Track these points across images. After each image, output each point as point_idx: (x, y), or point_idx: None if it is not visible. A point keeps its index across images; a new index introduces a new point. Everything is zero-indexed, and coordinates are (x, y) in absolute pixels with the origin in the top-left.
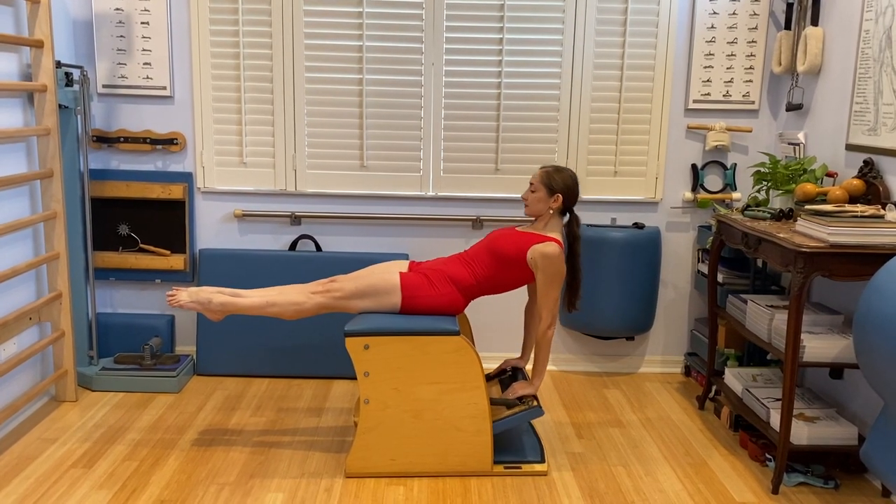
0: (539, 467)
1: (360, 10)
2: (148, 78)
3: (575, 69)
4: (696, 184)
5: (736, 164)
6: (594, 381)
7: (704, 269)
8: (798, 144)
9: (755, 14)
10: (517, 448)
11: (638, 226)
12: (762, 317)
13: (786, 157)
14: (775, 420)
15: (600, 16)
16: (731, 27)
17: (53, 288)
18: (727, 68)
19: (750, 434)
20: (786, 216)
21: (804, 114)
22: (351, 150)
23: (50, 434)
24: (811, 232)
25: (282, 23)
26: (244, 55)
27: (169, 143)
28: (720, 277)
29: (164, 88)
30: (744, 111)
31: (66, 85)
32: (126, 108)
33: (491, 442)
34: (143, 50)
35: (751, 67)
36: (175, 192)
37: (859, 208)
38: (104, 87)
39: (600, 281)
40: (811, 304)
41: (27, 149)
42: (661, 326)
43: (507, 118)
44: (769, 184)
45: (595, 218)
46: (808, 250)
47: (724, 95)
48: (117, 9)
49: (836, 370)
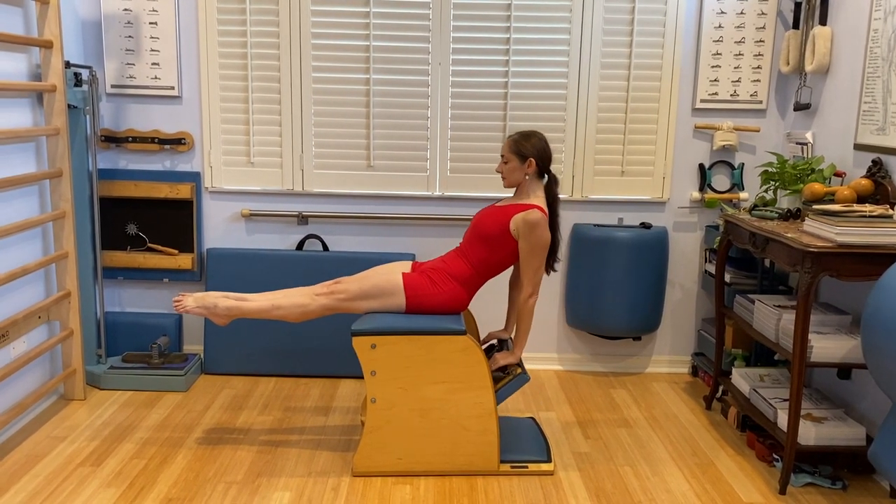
0: (545, 467)
1: (368, 10)
2: (156, 78)
3: (582, 69)
4: (704, 183)
5: (743, 164)
6: (601, 381)
7: (712, 268)
8: (806, 144)
9: (763, 14)
10: (524, 448)
11: (645, 226)
12: (770, 317)
13: (794, 156)
14: (783, 420)
15: (607, 15)
16: (738, 27)
17: (62, 287)
18: (735, 68)
19: (757, 434)
20: (793, 216)
21: (812, 113)
22: (358, 150)
23: (59, 432)
24: (819, 232)
25: (289, 23)
26: (252, 55)
27: (177, 142)
28: (727, 277)
29: (172, 88)
30: (751, 111)
31: (75, 85)
32: (134, 108)
33: (497, 441)
34: (152, 50)
35: (758, 67)
36: (183, 191)
37: (867, 208)
38: (113, 87)
39: (607, 281)
40: (819, 305)
41: (36, 149)
42: (668, 326)
43: (514, 118)
44: (777, 183)
45: (602, 218)
46: (815, 250)
47: (731, 95)
48: (126, 9)
49: (844, 370)
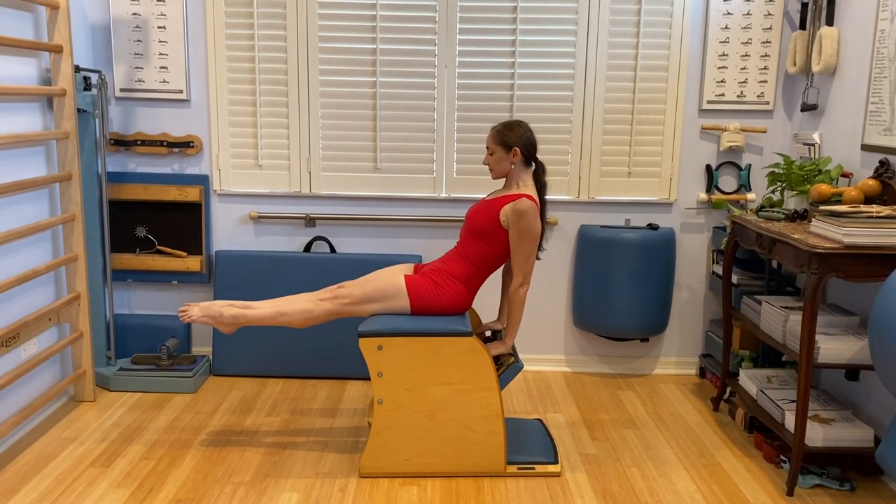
0: (552, 468)
1: (374, 13)
2: (164, 81)
3: (588, 70)
4: (711, 185)
5: (750, 165)
6: (608, 383)
7: (719, 270)
8: (813, 145)
9: (769, 14)
10: (530, 449)
11: (652, 227)
12: (777, 318)
13: (800, 157)
14: (790, 422)
15: (613, 17)
16: (745, 27)
17: (72, 289)
18: (741, 68)
19: (765, 435)
20: (800, 217)
21: (819, 114)
22: (365, 153)
23: (69, 433)
24: (826, 233)
25: (296, 26)
26: (259, 59)
27: (185, 145)
28: (735, 278)
29: (181, 92)
30: (758, 112)
31: (85, 89)
32: (143, 112)
33: (504, 442)
34: (160, 54)
35: (765, 68)
36: (191, 194)
37: (874, 209)
38: (122, 90)
39: (614, 282)
40: (826, 306)
41: (46, 152)
42: (675, 328)
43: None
44: (784, 184)
45: (609, 219)
46: (822, 251)
47: (738, 96)
48: (134, 14)
49: (852, 371)
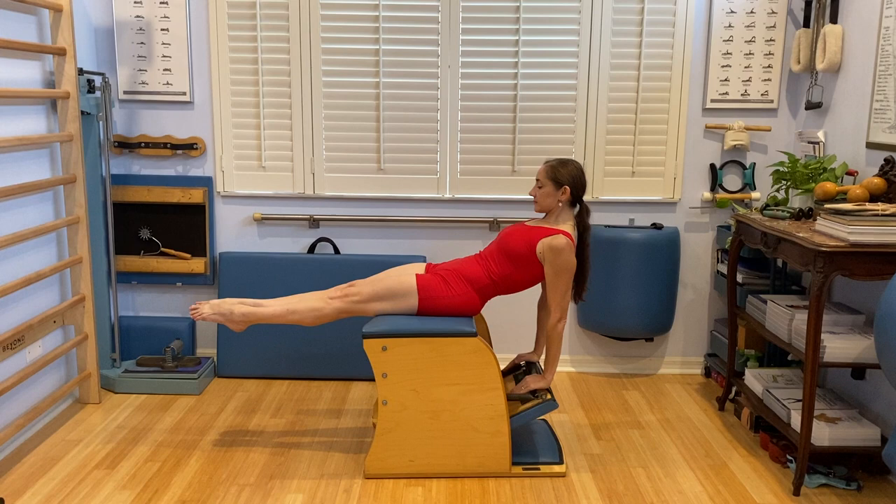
0: (557, 468)
1: (377, 13)
2: (168, 84)
3: (591, 69)
4: (715, 183)
5: (755, 164)
6: (613, 383)
7: (724, 269)
8: (817, 143)
9: (773, 12)
10: (535, 449)
11: (656, 226)
12: (782, 317)
13: (805, 155)
14: (796, 421)
15: (616, 16)
16: (748, 26)
17: (77, 292)
18: (745, 67)
19: (770, 435)
20: (805, 215)
21: (824, 112)
22: (368, 154)
23: (74, 435)
24: (831, 231)
25: (299, 28)
26: (262, 60)
27: (189, 147)
28: (740, 278)
29: (184, 94)
30: (762, 110)
31: (88, 91)
32: (147, 114)
33: (509, 443)
34: (164, 56)
35: (769, 66)
36: (195, 196)
37: (880, 207)
38: (125, 93)
39: (619, 282)
40: (832, 304)
41: (50, 155)
42: (680, 327)
43: (524, 119)
44: (788, 183)
45: (613, 219)
46: (828, 250)
47: (742, 95)
48: (138, 16)
49: (858, 370)
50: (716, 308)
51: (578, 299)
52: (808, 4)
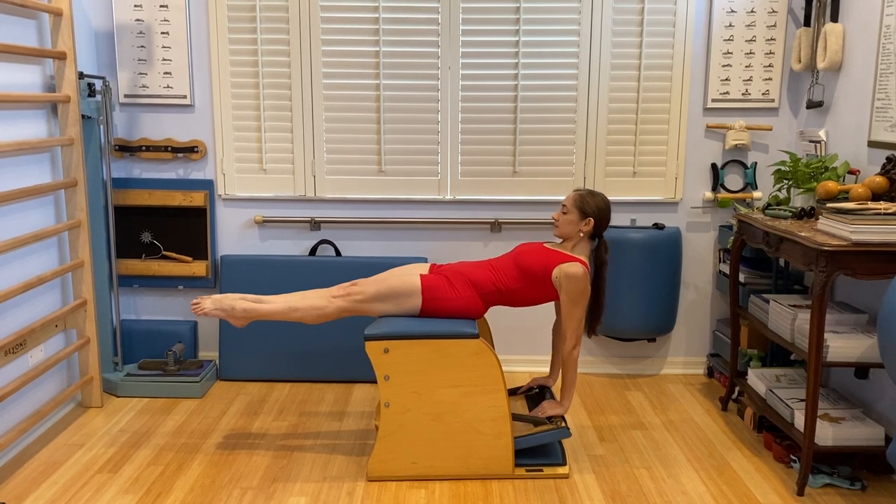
0: (561, 470)
1: (377, 15)
2: (168, 87)
3: (592, 70)
4: (717, 183)
5: (756, 163)
6: (616, 384)
7: (726, 269)
8: (819, 142)
9: (773, 11)
10: (539, 451)
11: (658, 226)
12: (785, 317)
13: (807, 154)
14: (800, 421)
15: (617, 16)
16: (749, 25)
17: (78, 295)
18: (746, 67)
19: (774, 435)
20: (807, 215)
21: (825, 111)
22: (369, 156)
23: (76, 439)
24: (833, 230)
25: (299, 30)
26: (262, 63)
27: (190, 151)
28: (742, 277)
29: (185, 97)
30: (763, 109)
31: (89, 95)
32: (147, 118)
33: (512, 445)
34: (164, 59)
35: (770, 65)
36: (196, 199)
37: (882, 206)
38: (126, 96)
39: (621, 282)
40: (835, 303)
41: (51, 159)
42: (682, 327)
43: (525, 120)
44: (790, 182)
45: (615, 219)
46: (830, 249)
47: (743, 94)
48: (138, 20)
49: (862, 370)
50: (718, 308)
51: (592, 334)
52: (809, 3)
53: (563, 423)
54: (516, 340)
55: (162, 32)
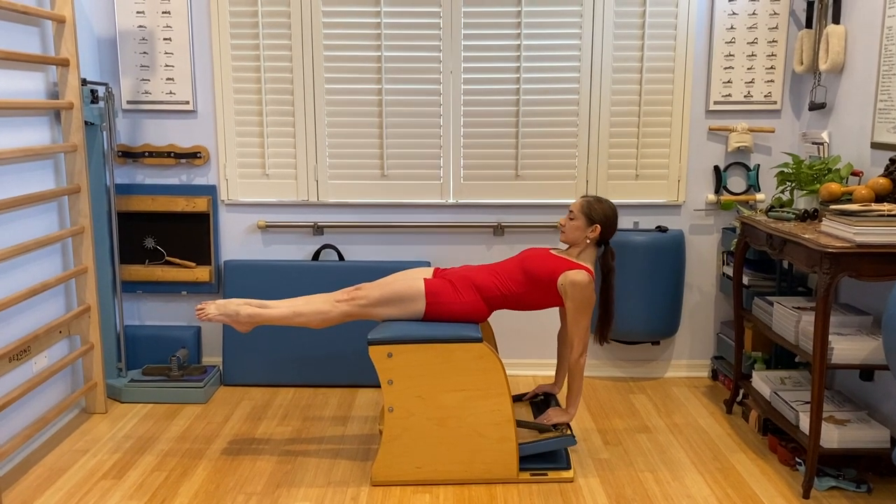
0: (565, 474)
1: (379, 20)
2: (171, 93)
3: (594, 73)
4: (719, 186)
5: (759, 165)
6: (620, 387)
7: (729, 271)
8: (822, 144)
9: (775, 13)
10: (543, 455)
11: (661, 229)
12: (789, 319)
13: (809, 156)
14: (804, 423)
15: (618, 19)
16: (750, 27)
17: (82, 301)
18: (748, 69)
19: (779, 438)
20: (811, 216)
21: (827, 113)
22: (371, 160)
23: (81, 445)
24: (837, 232)
25: (301, 35)
26: (265, 68)
27: (192, 156)
28: (746, 280)
29: (187, 103)
30: (766, 111)
31: (92, 102)
32: (150, 123)
33: (516, 449)
34: (166, 65)
35: (772, 67)
36: (199, 204)
37: (886, 207)
38: (128, 102)
39: (624, 286)
40: (839, 305)
41: (55, 165)
42: (686, 330)
43: (527, 124)
44: (793, 184)
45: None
46: (834, 251)
47: (745, 96)
48: (140, 26)
49: (867, 372)
50: (722, 310)
51: (603, 341)
52: (811, 5)
53: (569, 431)
54: (520, 344)
55: (164, 39)
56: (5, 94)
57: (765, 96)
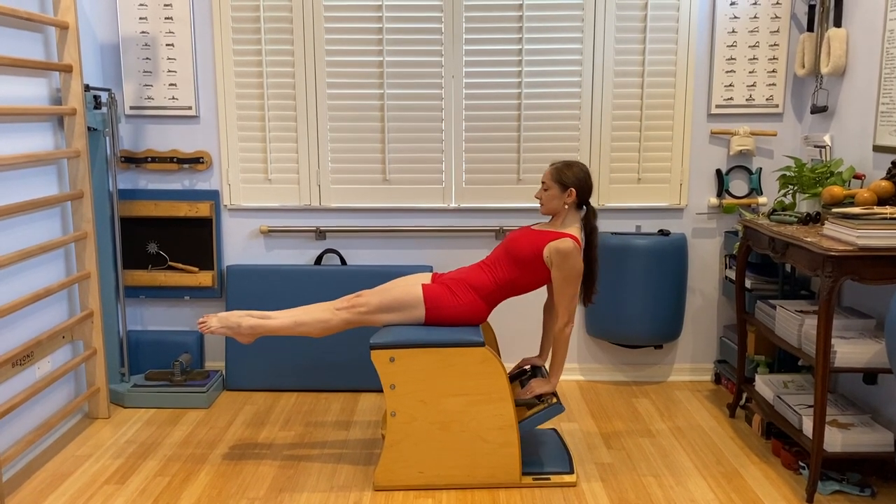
0: (568, 478)
1: (380, 25)
2: (174, 98)
3: (595, 76)
4: (722, 189)
5: (761, 169)
6: (623, 391)
7: (732, 275)
8: (824, 147)
9: (776, 17)
10: (546, 459)
11: (663, 233)
12: (792, 322)
13: (812, 159)
14: (808, 427)
15: (619, 23)
16: (752, 31)
17: (85, 307)
18: (749, 72)
19: (782, 442)
20: (813, 220)
21: (829, 116)
22: (373, 165)
23: (84, 450)
24: (839, 235)
25: (303, 40)
26: (267, 73)
27: (195, 161)
28: (748, 283)
29: (190, 108)
30: (768, 115)
31: (95, 107)
32: (153, 129)
33: (519, 453)
34: (169, 71)
35: (773, 70)
36: (202, 209)
37: (888, 210)
38: (131, 108)
39: (627, 289)
40: (842, 309)
41: (58, 171)
42: (689, 334)
43: (528, 128)
44: (795, 187)
45: (620, 226)
46: (836, 254)
47: (747, 99)
48: (143, 32)
49: (870, 375)
50: (724, 314)
51: (588, 302)
52: (812, 8)
53: (555, 400)
54: (522, 348)
55: (167, 44)
56: (8, 99)
57: (766, 100)
